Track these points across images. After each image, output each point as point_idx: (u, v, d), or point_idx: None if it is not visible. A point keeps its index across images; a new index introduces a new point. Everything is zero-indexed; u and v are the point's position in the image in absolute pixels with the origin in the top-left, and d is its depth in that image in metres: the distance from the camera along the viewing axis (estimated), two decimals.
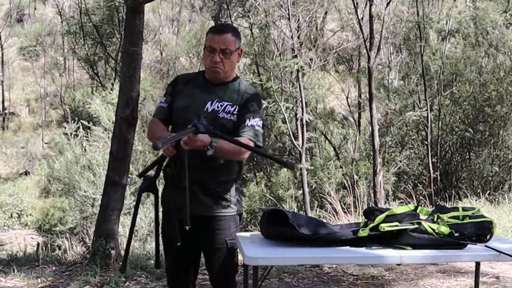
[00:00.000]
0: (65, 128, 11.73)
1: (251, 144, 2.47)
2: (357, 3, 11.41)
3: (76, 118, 11.91)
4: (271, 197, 12.72)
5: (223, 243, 2.58)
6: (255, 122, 2.52)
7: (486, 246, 2.66)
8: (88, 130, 11.13)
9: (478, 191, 10.72)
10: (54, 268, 4.72)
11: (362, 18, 11.74)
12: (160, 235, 2.72)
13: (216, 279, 2.67)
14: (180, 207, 2.42)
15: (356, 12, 11.24)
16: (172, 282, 2.74)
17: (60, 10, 25.33)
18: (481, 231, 2.77)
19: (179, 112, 2.57)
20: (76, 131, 11.34)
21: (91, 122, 11.04)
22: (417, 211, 2.85)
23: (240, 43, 2.62)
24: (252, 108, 2.55)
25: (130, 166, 5.62)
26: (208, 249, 2.63)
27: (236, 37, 2.58)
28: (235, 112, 2.53)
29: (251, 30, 16.09)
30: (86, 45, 18.59)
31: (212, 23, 20.28)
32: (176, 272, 2.69)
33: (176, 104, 2.61)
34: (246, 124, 2.51)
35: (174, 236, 2.45)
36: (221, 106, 2.53)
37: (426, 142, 12.43)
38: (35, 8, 29.42)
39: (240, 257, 2.69)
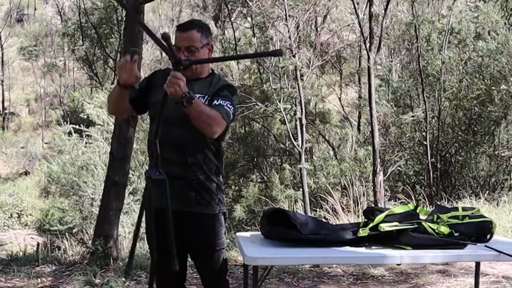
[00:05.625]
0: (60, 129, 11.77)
1: (220, 117, 2.38)
2: (357, 3, 11.41)
3: (68, 120, 11.92)
4: (271, 198, 12.72)
5: (209, 244, 2.55)
6: (224, 103, 2.45)
7: (486, 246, 2.66)
8: (82, 133, 11.10)
9: (478, 191, 10.72)
10: (54, 268, 4.73)
11: (363, 18, 11.74)
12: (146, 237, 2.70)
13: (207, 281, 2.65)
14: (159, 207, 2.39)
15: (356, 12, 11.22)
16: (160, 285, 2.68)
17: (60, 10, 25.35)
18: (481, 231, 2.77)
19: (154, 106, 2.51)
20: (69, 134, 11.35)
21: (91, 119, 11.03)
22: (417, 211, 2.85)
23: (208, 39, 2.56)
24: (222, 93, 2.50)
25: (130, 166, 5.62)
26: (195, 252, 2.61)
27: (203, 33, 2.52)
28: (206, 103, 2.48)
29: (252, 30, 16.11)
30: (85, 46, 18.62)
31: (212, 23, 20.28)
32: (163, 275, 2.64)
33: (151, 99, 2.58)
34: (213, 103, 2.45)
35: (150, 247, 2.44)
36: None
37: (425, 143, 12.43)
38: (35, 9, 29.42)
39: (240, 257, 2.69)
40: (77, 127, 10.90)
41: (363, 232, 2.66)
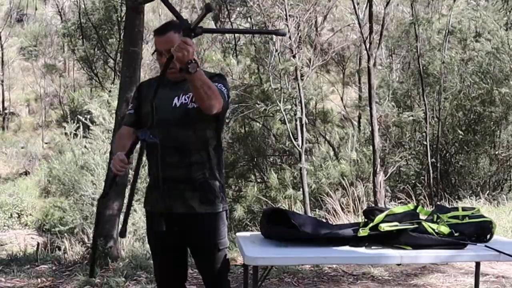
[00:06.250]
0: (64, 128, 11.73)
1: (218, 92, 2.37)
2: (357, 3, 11.41)
3: (76, 118, 11.91)
4: (270, 198, 12.71)
5: (212, 243, 2.54)
6: (218, 85, 2.45)
7: (486, 246, 2.66)
8: (88, 130, 11.11)
9: (478, 191, 10.72)
10: (54, 268, 4.73)
11: (363, 18, 11.74)
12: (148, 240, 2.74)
13: (208, 281, 2.65)
14: (159, 205, 2.44)
15: (356, 12, 11.22)
16: (161, 285, 2.71)
17: (60, 10, 25.34)
18: (481, 231, 2.77)
19: (145, 115, 2.52)
20: (75, 130, 11.34)
21: (92, 120, 11.01)
22: (417, 211, 2.85)
23: None
24: (212, 80, 2.47)
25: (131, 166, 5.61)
26: (198, 251, 2.60)
27: (180, 32, 2.41)
28: None
29: None
30: (85, 46, 18.63)
31: (212, 24, 20.27)
32: (164, 275, 2.66)
33: (144, 110, 2.56)
34: None
35: (156, 224, 2.47)
36: (188, 98, 2.49)
37: (425, 143, 12.43)
38: (36, 9, 29.41)
39: (240, 257, 2.69)
40: (83, 119, 10.87)
41: (363, 232, 2.66)
